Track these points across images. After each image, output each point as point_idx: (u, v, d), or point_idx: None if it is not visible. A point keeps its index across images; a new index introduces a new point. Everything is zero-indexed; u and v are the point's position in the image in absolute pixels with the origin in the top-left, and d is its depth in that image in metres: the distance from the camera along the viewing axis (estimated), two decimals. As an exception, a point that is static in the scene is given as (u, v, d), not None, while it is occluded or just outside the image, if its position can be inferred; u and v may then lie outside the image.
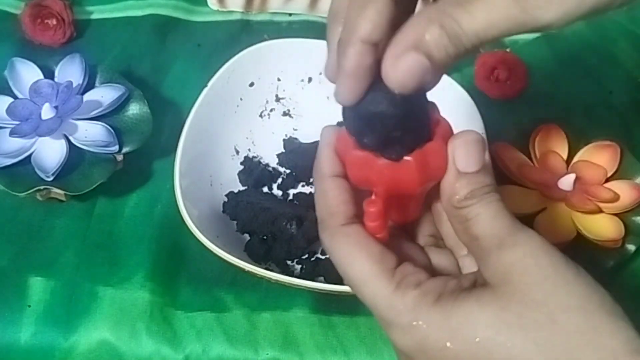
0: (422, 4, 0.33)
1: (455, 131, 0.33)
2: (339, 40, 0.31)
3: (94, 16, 0.66)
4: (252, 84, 0.58)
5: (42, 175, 0.50)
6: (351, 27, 0.30)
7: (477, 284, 0.32)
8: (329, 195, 0.34)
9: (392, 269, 0.32)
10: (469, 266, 0.35)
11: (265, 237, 0.51)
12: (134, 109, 0.55)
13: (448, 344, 0.30)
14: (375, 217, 0.32)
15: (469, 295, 0.31)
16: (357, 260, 0.32)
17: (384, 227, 0.33)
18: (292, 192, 0.56)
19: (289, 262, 0.51)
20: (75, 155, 0.52)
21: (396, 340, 0.32)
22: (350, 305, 0.49)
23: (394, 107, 0.31)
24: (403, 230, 0.37)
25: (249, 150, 0.58)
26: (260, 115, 0.59)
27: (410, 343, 0.31)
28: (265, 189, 0.56)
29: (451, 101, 0.53)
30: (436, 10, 0.28)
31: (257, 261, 0.50)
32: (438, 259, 0.36)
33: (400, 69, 0.29)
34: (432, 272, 0.35)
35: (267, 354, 0.48)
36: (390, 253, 0.33)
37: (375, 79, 0.31)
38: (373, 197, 0.33)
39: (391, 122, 0.31)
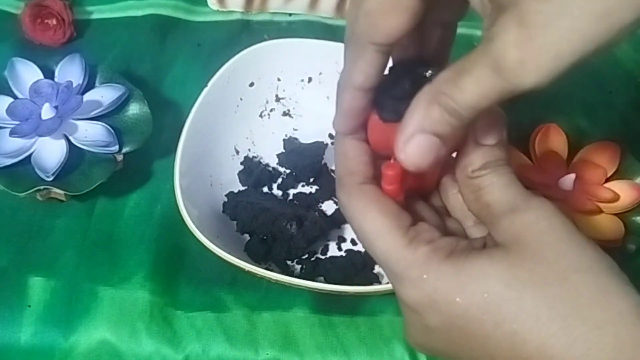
0: None
1: None
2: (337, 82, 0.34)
3: (94, 16, 0.66)
4: (252, 84, 0.58)
5: (42, 175, 0.50)
6: (346, 76, 0.33)
7: (486, 246, 0.33)
8: (349, 155, 0.35)
9: (406, 226, 0.33)
10: (476, 235, 0.36)
11: (265, 237, 0.51)
12: (134, 109, 0.55)
13: (457, 299, 0.31)
14: (393, 180, 0.33)
15: (480, 253, 0.31)
16: (373, 214, 0.33)
17: (401, 191, 0.34)
18: (292, 192, 0.56)
19: (289, 262, 0.51)
20: (75, 155, 0.52)
21: (405, 294, 0.32)
22: (350, 305, 0.49)
23: (414, 86, 0.32)
24: (420, 196, 0.38)
25: (249, 150, 0.58)
26: (260, 115, 0.59)
27: (419, 297, 0.32)
28: (265, 189, 0.56)
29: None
30: (433, 90, 0.30)
31: (257, 261, 0.50)
32: (450, 224, 0.37)
33: (411, 151, 0.31)
34: (446, 233, 0.35)
35: (267, 354, 0.48)
36: (405, 212, 0.34)
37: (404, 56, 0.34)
38: (392, 160, 0.33)
39: (406, 95, 0.32)
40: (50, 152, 0.52)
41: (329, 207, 0.55)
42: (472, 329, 0.31)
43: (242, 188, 0.55)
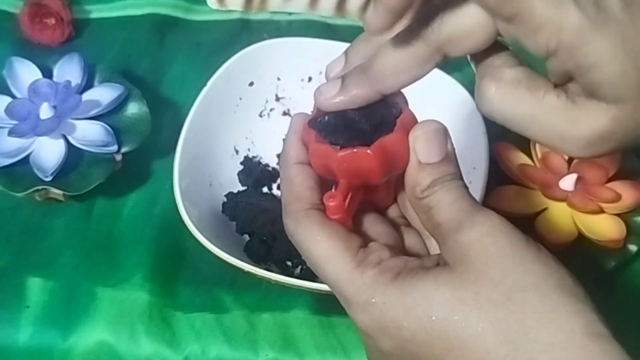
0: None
1: (427, 118, 0.33)
2: None
3: (92, 15, 0.66)
4: (251, 84, 0.57)
5: (41, 175, 0.50)
6: None
7: (439, 264, 0.32)
8: (294, 181, 0.34)
9: (355, 248, 0.32)
10: (435, 247, 0.35)
11: (265, 238, 0.51)
12: (133, 108, 0.55)
13: (405, 323, 0.30)
14: (336, 210, 0.32)
15: (426, 273, 0.30)
16: (321, 238, 0.32)
17: (347, 219, 0.33)
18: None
19: (288, 263, 0.51)
20: (73, 155, 0.52)
21: (355, 319, 0.32)
22: (351, 306, 0.49)
23: (372, 126, 0.32)
24: (375, 210, 0.37)
25: (249, 150, 0.57)
26: (260, 115, 0.58)
27: (369, 321, 0.31)
28: (265, 189, 0.56)
29: (452, 101, 0.53)
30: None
31: (256, 262, 0.50)
32: (409, 238, 0.36)
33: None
34: (404, 250, 0.35)
35: (267, 355, 0.48)
36: (354, 235, 0.33)
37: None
38: (333, 189, 0.33)
39: (349, 117, 0.33)
40: (48, 152, 0.51)
41: (329, 207, 0.54)
42: (423, 354, 0.30)
43: (241, 188, 0.55)
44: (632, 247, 0.51)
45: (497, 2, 0.30)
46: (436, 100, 0.52)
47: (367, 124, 0.33)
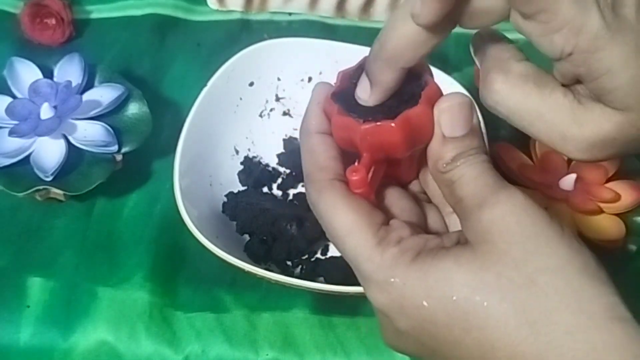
0: None
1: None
2: None
3: (93, 16, 0.66)
4: (252, 84, 0.57)
5: (41, 175, 0.50)
6: None
7: (459, 242, 0.31)
8: (316, 150, 0.33)
9: (378, 224, 0.32)
10: (455, 224, 0.35)
11: (265, 238, 0.51)
12: (133, 108, 0.55)
13: (424, 303, 0.30)
14: (359, 184, 0.32)
15: (447, 253, 0.30)
16: (344, 211, 0.32)
17: (370, 193, 0.33)
18: (292, 192, 0.56)
19: (289, 263, 0.51)
20: (74, 155, 0.52)
21: (373, 297, 0.31)
22: (351, 306, 0.49)
23: (398, 99, 0.32)
24: (398, 184, 0.37)
25: (249, 150, 0.57)
26: (260, 115, 0.58)
27: (387, 301, 0.31)
28: (265, 189, 0.56)
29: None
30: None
31: (257, 261, 0.50)
32: (430, 214, 0.36)
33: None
34: (426, 226, 0.35)
35: (267, 355, 0.48)
36: (377, 210, 0.32)
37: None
38: (356, 163, 0.32)
39: None
40: (49, 152, 0.51)
41: (329, 207, 0.54)
42: (442, 334, 0.30)
43: (241, 188, 0.55)
44: (632, 247, 0.51)
45: None
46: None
47: (391, 97, 0.32)
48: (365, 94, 0.33)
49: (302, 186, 0.56)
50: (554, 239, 0.29)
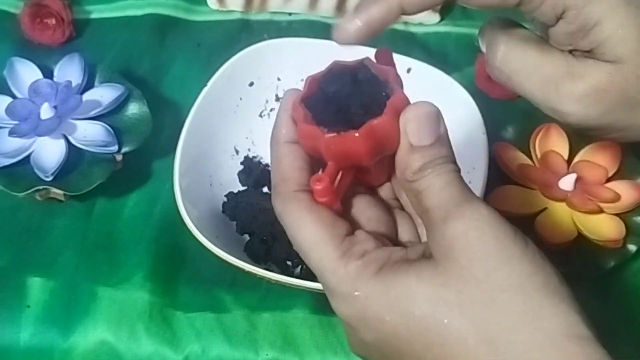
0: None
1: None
2: None
3: (93, 16, 0.66)
4: (252, 84, 0.57)
5: (41, 175, 0.50)
6: None
7: (424, 255, 0.31)
8: (283, 161, 0.33)
9: (341, 236, 0.32)
10: (425, 234, 0.34)
11: (265, 238, 0.51)
12: (133, 108, 0.55)
13: (387, 317, 0.30)
14: (322, 193, 0.32)
15: (409, 268, 0.30)
16: (307, 224, 0.32)
17: (335, 202, 0.32)
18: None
19: (288, 263, 0.51)
20: (74, 155, 0.52)
21: (338, 310, 0.32)
22: (351, 306, 0.49)
23: (340, 86, 0.32)
24: (369, 190, 0.36)
25: (249, 150, 0.57)
26: (260, 115, 0.58)
27: (351, 313, 0.31)
28: (265, 189, 0.56)
29: (452, 101, 0.53)
30: None
31: (256, 261, 0.50)
32: (402, 222, 0.35)
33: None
34: (396, 235, 0.34)
35: (267, 355, 0.48)
36: (342, 221, 0.32)
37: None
38: (320, 172, 0.32)
39: (339, 97, 0.32)
40: (49, 152, 0.51)
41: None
42: (403, 349, 0.30)
43: (242, 188, 0.55)
44: (632, 247, 0.51)
45: None
46: (436, 101, 0.52)
47: (357, 105, 0.32)
48: (347, 23, 0.34)
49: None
50: (516, 256, 0.29)
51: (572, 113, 0.33)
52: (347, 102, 0.33)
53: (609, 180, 0.53)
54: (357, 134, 0.31)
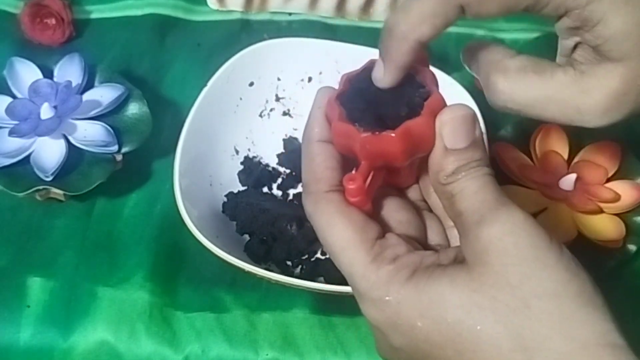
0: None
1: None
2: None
3: (93, 16, 0.66)
4: (251, 84, 0.57)
5: (41, 175, 0.50)
6: (408, 25, 0.32)
7: (457, 259, 0.31)
8: (315, 160, 0.33)
9: (372, 240, 0.32)
10: (456, 237, 0.34)
11: (265, 238, 0.51)
12: (133, 108, 0.55)
13: (418, 323, 0.30)
14: (355, 193, 0.32)
15: (443, 273, 0.30)
16: (338, 227, 0.31)
17: (366, 202, 0.32)
18: (292, 192, 0.56)
19: (288, 263, 0.51)
20: (74, 155, 0.52)
21: (368, 314, 0.31)
22: (351, 306, 0.49)
23: (399, 106, 0.31)
24: (397, 191, 0.36)
25: (249, 150, 0.57)
26: (260, 115, 0.58)
27: (382, 318, 0.31)
28: (265, 189, 0.56)
29: (452, 101, 0.53)
30: None
31: (256, 261, 0.50)
32: (431, 224, 0.35)
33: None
34: (425, 238, 0.34)
35: (267, 355, 0.48)
36: (373, 223, 0.32)
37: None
38: (354, 171, 0.32)
39: (376, 96, 0.32)
40: (49, 152, 0.51)
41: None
42: (435, 355, 0.30)
43: (242, 188, 0.55)
44: (632, 247, 0.51)
45: None
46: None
47: (394, 105, 0.32)
48: (380, 73, 0.33)
49: (302, 186, 0.56)
50: (551, 262, 0.29)
51: (600, 125, 0.33)
52: (382, 101, 0.32)
53: (609, 180, 0.53)
54: (393, 134, 0.31)
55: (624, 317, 0.50)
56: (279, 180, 0.56)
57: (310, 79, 0.59)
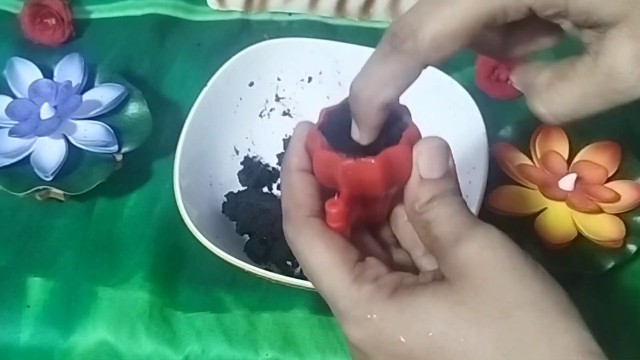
0: None
1: (430, 134, 0.34)
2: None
3: (93, 16, 0.66)
4: (251, 84, 0.57)
5: (41, 175, 0.50)
6: (375, 91, 0.32)
7: (435, 279, 0.32)
8: (295, 187, 0.34)
9: (353, 261, 0.32)
10: (426, 266, 0.35)
11: (265, 238, 0.51)
12: (133, 108, 0.55)
13: (402, 339, 0.30)
14: (336, 218, 0.33)
15: (424, 289, 0.30)
16: (320, 248, 0.32)
17: (346, 228, 0.33)
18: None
19: (288, 263, 0.51)
20: (74, 155, 0.52)
21: (350, 335, 0.31)
22: (351, 306, 0.49)
23: (382, 136, 0.33)
24: (368, 228, 0.37)
25: (249, 150, 0.57)
26: (260, 115, 0.58)
27: (364, 337, 0.31)
28: (265, 189, 0.56)
29: (452, 101, 0.53)
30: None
31: (256, 261, 0.50)
32: (398, 257, 0.36)
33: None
34: (393, 267, 0.34)
35: (267, 355, 0.48)
36: (352, 247, 0.33)
37: None
38: (336, 197, 0.33)
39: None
40: (49, 152, 0.51)
41: (329, 207, 0.54)
42: None
43: (242, 188, 0.55)
44: (632, 247, 0.51)
45: None
46: (436, 101, 0.52)
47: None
48: (356, 135, 0.34)
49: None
50: (529, 274, 0.29)
51: None
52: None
53: (609, 180, 0.53)
54: (373, 161, 0.31)
55: (623, 317, 0.50)
56: (279, 180, 0.56)
57: (310, 79, 0.59)
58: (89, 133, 0.53)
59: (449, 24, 0.31)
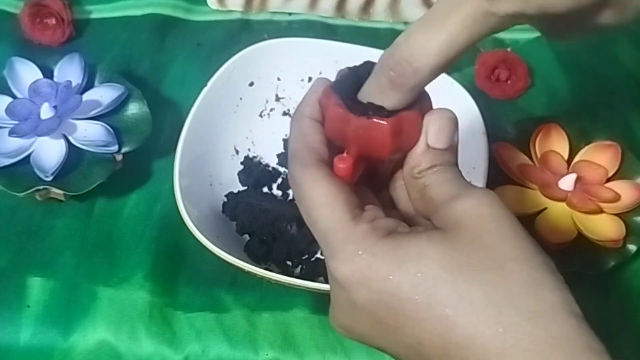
0: None
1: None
2: None
3: (93, 15, 0.66)
4: (252, 84, 0.57)
5: (41, 175, 0.50)
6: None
7: (428, 229, 0.32)
8: (307, 132, 0.35)
9: (354, 203, 0.33)
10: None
11: (265, 238, 0.51)
12: (134, 108, 0.55)
13: (390, 276, 0.30)
14: (343, 173, 0.33)
15: (419, 234, 0.31)
16: (325, 185, 0.33)
17: (352, 183, 0.34)
18: (292, 192, 0.56)
19: (288, 263, 0.51)
20: (74, 155, 0.52)
21: (336, 269, 0.31)
22: (351, 306, 0.49)
23: None
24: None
25: (249, 150, 0.57)
26: (260, 115, 0.58)
27: (350, 272, 0.31)
28: (265, 189, 0.56)
29: (452, 100, 0.53)
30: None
31: (256, 261, 0.50)
32: (393, 216, 0.36)
33: None
34: None
35: (267, 355, 0.48)
36: (355, 195, 0.33)
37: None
38: (345, 154, 0.33)
39: None
40: (49, 152, 0.51)
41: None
42: (403, 309, 0.30)
43: (242, 188, 0.55)
44: (632, 247, 0.51)
45: None
46: (436, 101, 0.52)
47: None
48: (379, 98, 0.33)
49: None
50: (523, 235, 0.31)
51: (572, 5, 0.30)
52: None
53: (609, 180, 0.53)
54: (385, 122, 0.32)
55: (623, 316, 0.50)
56: (279, 180, 0.56)
57: (310, 79, 0.59)
58: (89, 133, 0.53)
59: (445, 56, 0.32)
